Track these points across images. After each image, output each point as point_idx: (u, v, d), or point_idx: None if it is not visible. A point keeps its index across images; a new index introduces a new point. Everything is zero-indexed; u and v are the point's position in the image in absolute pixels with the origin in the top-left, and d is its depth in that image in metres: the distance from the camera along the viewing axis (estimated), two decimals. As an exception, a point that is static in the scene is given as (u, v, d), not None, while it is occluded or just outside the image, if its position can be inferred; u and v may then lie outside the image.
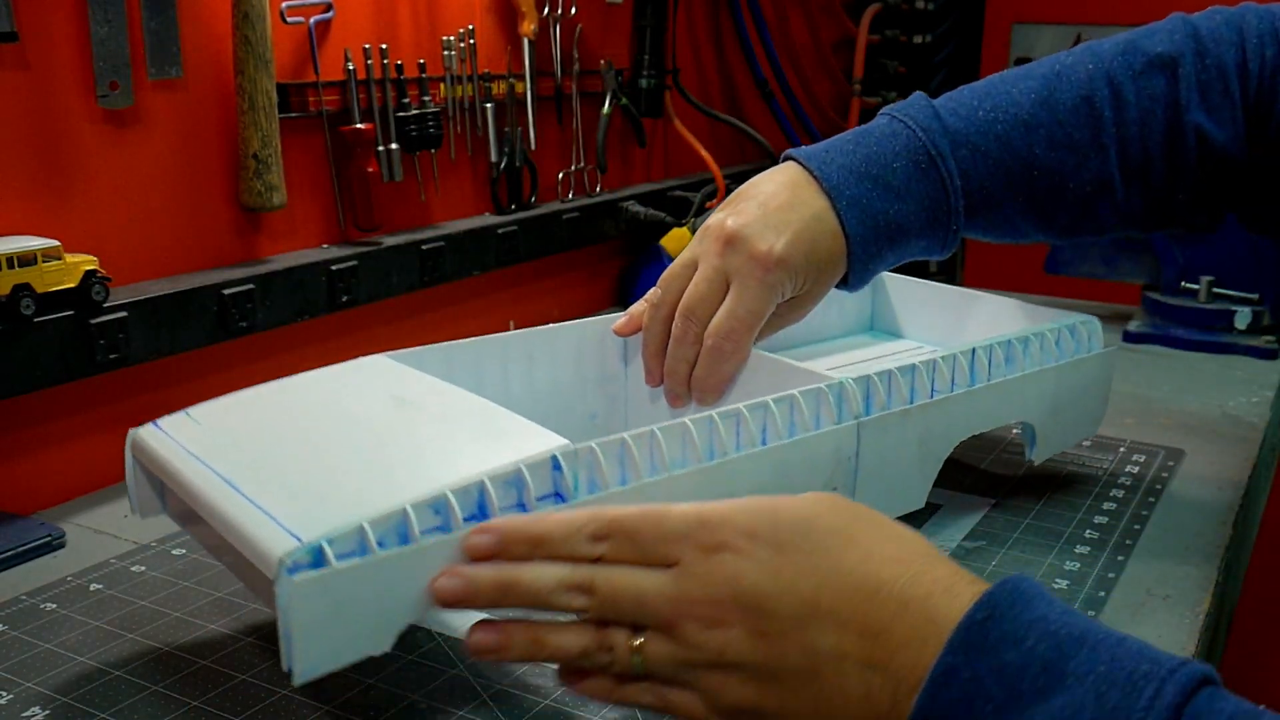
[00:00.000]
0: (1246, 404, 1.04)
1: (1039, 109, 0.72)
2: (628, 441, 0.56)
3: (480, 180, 1.16)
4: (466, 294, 1.16)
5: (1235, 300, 1.21)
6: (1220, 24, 0.72)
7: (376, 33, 1.02)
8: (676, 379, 0.71)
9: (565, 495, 0.54)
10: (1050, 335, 0.78)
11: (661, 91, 1.37)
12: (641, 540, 0.48)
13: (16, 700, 0.57)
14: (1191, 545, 0.75)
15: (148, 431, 0.61)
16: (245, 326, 0.89)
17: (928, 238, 0.72)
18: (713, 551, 0.47)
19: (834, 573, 0.46)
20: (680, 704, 0.47)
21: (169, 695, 0.57)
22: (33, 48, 0.77)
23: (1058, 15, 1.91)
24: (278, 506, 0.50)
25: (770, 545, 0.46)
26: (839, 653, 0.45)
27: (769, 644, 0.45)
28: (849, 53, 1.82)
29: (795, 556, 0.46)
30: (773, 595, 0.45)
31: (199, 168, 0.89)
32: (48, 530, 0.75)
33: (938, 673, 0.42)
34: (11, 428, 0.79)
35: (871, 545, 0.46)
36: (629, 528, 0.48)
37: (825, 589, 0.45)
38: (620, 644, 0.48)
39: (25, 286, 0.73)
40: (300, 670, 0.47)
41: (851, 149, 0.71)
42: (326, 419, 0.61)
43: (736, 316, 0.68)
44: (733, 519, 0.47)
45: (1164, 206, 0.73)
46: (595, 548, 0.48)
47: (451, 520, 0.50)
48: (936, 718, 0.42)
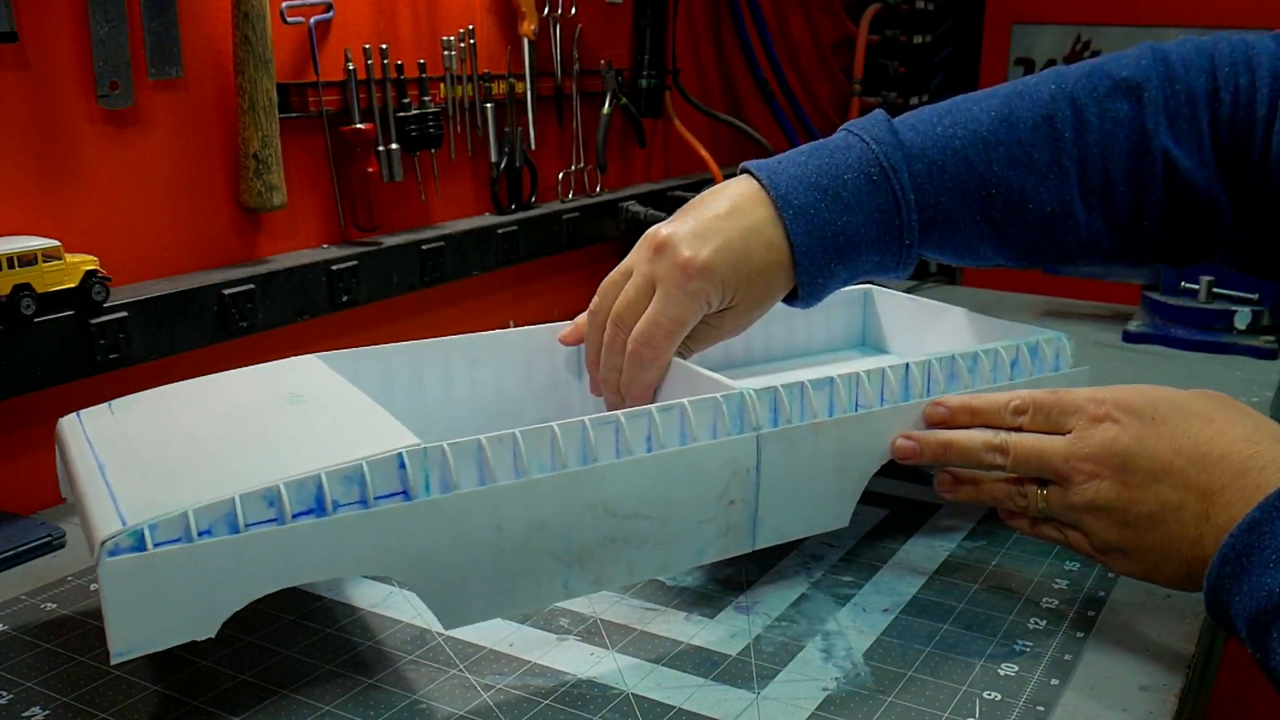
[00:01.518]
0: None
1: (999, 126, 0.71)
2: (483, 443, 0.56)
3: (480, 180, 1.16)
4: (466, 294, 1.16)
5: (1235, 300, 1.21)
6: (1191, 51, 0.72)
7: (376, 33, 1.02)
8: (609, 386, 0.71)
9: (410, 493, 0.54)
10: (1005, 353, 0.74)
11: (661, 91, 1.37)
12: (1049, 411, 0.63)
13: (16, 700, 0.57)
14: (1191, 545, 0.75)
15: (68, 420, 0.64)
16: (245, 326, 0.89)
17: (879, 253, 0.71)
18: (1098, 421, 0.60)
19: (1189, 442, 0.57)
20: (1074, 541, 0.63)
21: (169, 695, 0.57)
22: (33, 48, 0.77)
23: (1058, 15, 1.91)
24: (124, 489, 0.53)
25: (1143, 418, 0.59)
26: (1180, 504, 0.57)
27: (1129, 493, 0.58)
28: (849, 53, 1.82)
29: (1161, 427, 0.58)
30: (1137, 455, 0.58)
31: (199, 168, 0.89)
32: (48, 530, 0.75)
33: (1245, 522, 0.52)
34: (11, 428, 0.79)
35: (1227, 425, 0.57)
36: (1040, 402, 0.64)
37: (1180, 454, 0.57)
38: (1032, 492, 0.64)
39: (25, 286, 0.73)
40: (117, 649, 0.49)
41: (804, 160, 0.71)
42: (220, 412, 0.63)
43: (656, 323, 0.67)
44: (1117, 396, 0.61)
45: (1129, 235, 0.73)
46: (1017, 419, 0.64)
47: (283, 512, 0.51)
48: (1233, 557, 0.52)
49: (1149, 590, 0.68)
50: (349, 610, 0.66)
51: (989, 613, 0.66)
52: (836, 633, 0.64)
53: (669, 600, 0.67)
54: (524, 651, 0.62)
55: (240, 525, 0.51)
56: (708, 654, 0.62)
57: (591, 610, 0.66)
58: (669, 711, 0.56)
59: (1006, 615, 0.65)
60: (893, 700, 0.57)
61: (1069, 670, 0.60)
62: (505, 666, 0.60)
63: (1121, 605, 0.67)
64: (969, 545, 0.74)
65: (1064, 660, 0.61)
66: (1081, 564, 0.71)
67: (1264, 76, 0.69)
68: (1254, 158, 0.69)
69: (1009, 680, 0.59)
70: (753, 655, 0.61)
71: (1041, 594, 0.68)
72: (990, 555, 0.73)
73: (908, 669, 0.60)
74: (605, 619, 0.65)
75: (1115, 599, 0.67)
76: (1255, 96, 0.69)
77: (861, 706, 0.57)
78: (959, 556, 0.72)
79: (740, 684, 0.59)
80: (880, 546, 0.74)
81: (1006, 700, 0.57)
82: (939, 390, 0.72)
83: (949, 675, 0.59)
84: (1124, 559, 0.60)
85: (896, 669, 0.60)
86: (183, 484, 0.53)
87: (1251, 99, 0.69)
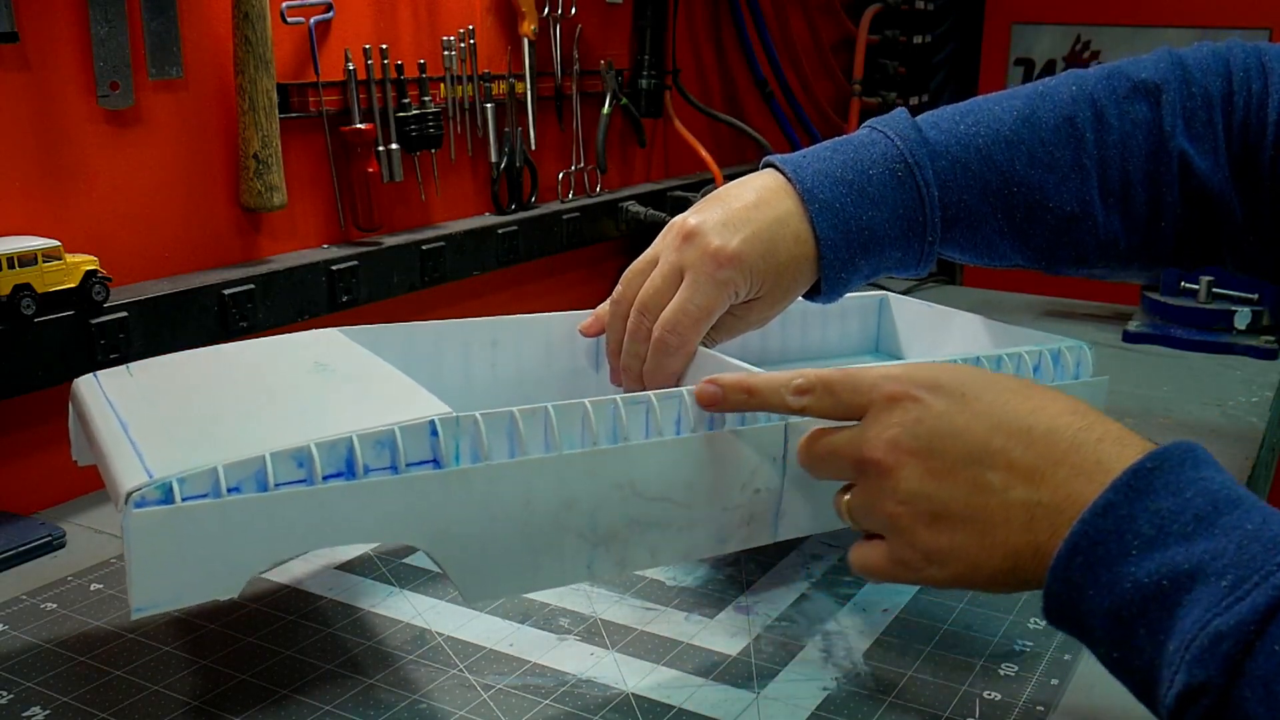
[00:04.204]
0: (1246, 404, 1.04)
1: (1021, 126, 0.71)
2: (515, 415, 0.55)
3: (480, 180, 1.16)
4: (466, 294, 1.16)
5: (1235, 300, 1.22)
6: (1207, 55, 0.72)
7: (377, 33, 1.02)
8: (631, 374, 0.70)
9: (441, 462, 0.54)
10: (1028, 358, 0.73)
11: (661, 91, 1.37)
12: (838, 391, 0.54)
13: (16, 700, 0.57)
14: (1191, 545, 0.75)
15: (85, 380, 0.63)
16: (245, 326, 0.89)
17: (902, 249, 0.72)
18: (897, 400, 0.52)
19: (1008, 417, 0.50)
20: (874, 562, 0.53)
21: (169, 695, 0.57)
22: (33, 48, 0.77)
23: (1058, 15, 1.91)
24: (149, 447, 0.52)
25: (951, 395, 0.52)
26: (1004, 487, 0.49)
27: (938, 480, 0.50)
28: (849, 53, 1.82)
29: (974, 404, 0.51)
30: (946, 436, 0.51)
31: (199, 168, 0.89)
32: (48, 530, 0.75)
33: (1098, 505, 0.46)
34: (11, 428, 0.79)
35: (1046, 399, 0.51)
36: (828, 381, 0.55)
37: (999, 431, 0.50)
38: (836, 501, 0.55)
39: (26, 286, 0.73)
40: (138, 604, 0.48)
41: (829, 155, 0.71)
42: (244, 378, 0.63)
43: (684, 310, 0.67)
44: (917, 373, 0.53)
45: (1146, 236, 0.73)
46: (799, 400, 0.55)
47: (313, 473, 0.51)
48: (1086, 546, 0.45)
49: (1149, 590, 0.68)
50: (349, 610, 0.66)
51: (989, 613, 0.66)
52: (836, 633, 0.64)
53: (669, 600, 0.67)
54: (524, 651, 0.62)
55: (270, 483, 0.50)
56: (708, 654, 0.62)
57: (591, 610, 0.66)
58: (669, 711, 0.56)
59: (1007, 615, 0.65)
60: (893, 700, 0.57)
61: (1069, 670, 0.60)
62: (505, 666, 0.60)
63: (1121, 605, 0.67)
64: (969, 545, 0.74)
65: (1064, 660, 0.61)
66: (1081, 564, 0.71)
67: (1276, 81, 0.69)
68: (1264, 161, 0.70)
69: (1009, 680, 0.59)
70: (753, 655, 0.61)
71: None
72: (990, 555, 0.72)
73: (908, 669, 0.60)
74: (605, 619, 0.65)
75: (1115, 599, 0.67)
76: (1267, 101, 0.69)
77: (861, 706, 0.57)
78: (959, 556, 0.72)
79: (740, 684, 0.59)
80: (880, 546, 0.73)
81: (1006, 700, 0.57)
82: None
83: (949, 675, 0.59)
84: (935, 565, 0.51)
85: (896, 669, 0.60)
86: (210, 442, 0.52)
87: (1263, 103, 0.69)
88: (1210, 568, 0.42)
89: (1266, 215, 0.71)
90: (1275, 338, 1.19)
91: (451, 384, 0.74)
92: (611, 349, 0.72)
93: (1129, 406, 1.02)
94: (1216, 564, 0.42)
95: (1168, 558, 0.43)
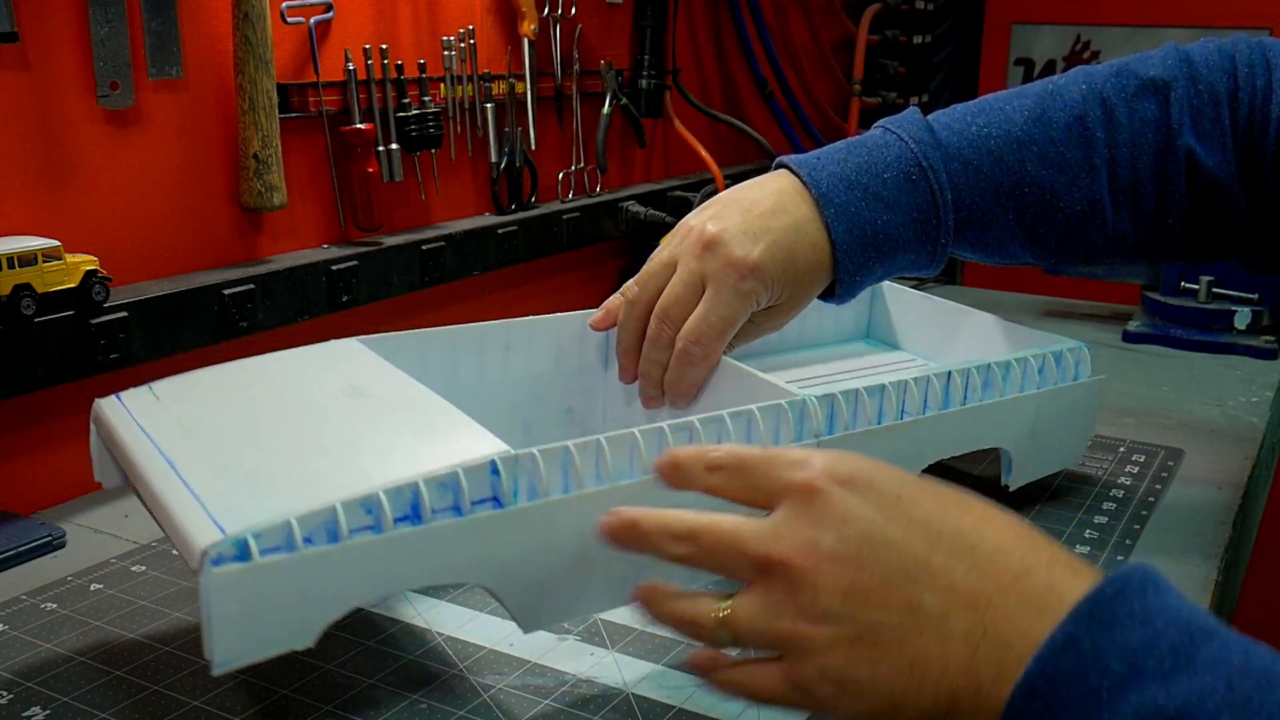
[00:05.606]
0: (1246, 404, 1.04)
1: (1032, 126, 0.72)
2: (571, 450, 0.55)
3: (480, 180, 1.16)
4: (466, 294, 1.16)
5: (1235, 300, 1.22)
6: (1213, 52, 0.72)
7: (376, 33, 1.02)
8: (650, 381, 0.71)
9: (502, 500, 0.53)
10: (1034, 361, 0.75)
11: (661, 91, 1.37)
12: (750, 472, 0.46)
13: (16, 700, 0.57)
14: (1191, 545, 0.75)
15: (108, 402, 0.62)
16: (245, 326, 0.89)
17: (915, 251, 0.72)
18: (819, 494, 0.44)
19: (953, 531, 0.43)
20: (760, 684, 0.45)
21: (169, 695, 0.57)
22: (33, 48, 0.77)
23: (1058, 15, 1.91)
24: (209, 492, 0.51)
25: (885, 496, 0.44)
26: (943, 613, 0.42)
27: (864, 598, 0.42)
28: (849, 53, 1.82)
29: (911, 510, 0.44)
30: (879, 545, 0.43)
31: (199, 168, 0.89)
32: (48, 530, 0.75)
33: (1057, 640, 0.40)
34: (11, 428, 0.79)
35: (990, 515, 0.45)
36: (743, 459, 0.47)
37: (940, 546, 0.43)
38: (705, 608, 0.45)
39: (26, 286, 0.73)
40: (219, 660, 0.48)
41: (843, 158, 0.71)
42: (278, 403, 0.61)
43: (708, 322, 0.67)
44: (846, 462, 0.45)
45: (1154, 233, 0.73)
46: (709, 477, 0.48)
47: (382, 520, 0.50)
48: (1045, 688, 0.39)
49: (1149, 590, 0.68)
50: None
51: (989, 613, 0.65)
52: (836, 633, 0.64)
53: (669, 600, 0.67)
54: (524, 651, 0.62)
55: (342, 534, 0.49)
56: (708, 654, 0.61)
57: (591, 610, 0.66)
58: (669, 711, 0.56)
59: (1006, 615, 0.65)
60: (893, 700, 0.57)
61: (1069, 670, 0.60)
62: (505, 666, 0.60)
63: (1121, 605, 0.67)
64: (969, 545, 0.74)
65: (1064, 660, 0.61)
66: (1081, 564, 0.71)
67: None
68: (1268, 157, 0.70)
69: (1009, 680, 0.59)
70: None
71: (1041, 594, 0.68)
72: (990, 555, 0.72)
73: (908, 669, 0.60)
74: (605, 619, 0.65)
75: (1115, 599, 0.67)
76: (1271, 97, 0.69)
77: (861, 706, 0.57)
78: (959, 556, 0.72)
79: (740, 684, 0.59)
80: (880, 546, 0.73)
81: (1006, 700, 0.57)
82: (975, 397, 0.72)
83: (949, 675, 0.59)
84: (848, 697, 0.43)
85: (896, 669, 0.60)
86: (271, 486, 0.51)
87: (1268, 99, 0.70)
88: (1200, 710, 0.37)
89: (1270, 210, 0.71)
90: (1275, 338, 1.19)
91: (467, 388, 0.74)
92: (625, 348, 0.72)
93: (1129, 406, 1.02)
94: (1207, 705, 0.37)
95: (1147, 699, 0.38)
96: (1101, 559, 0.72)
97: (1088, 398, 0.80)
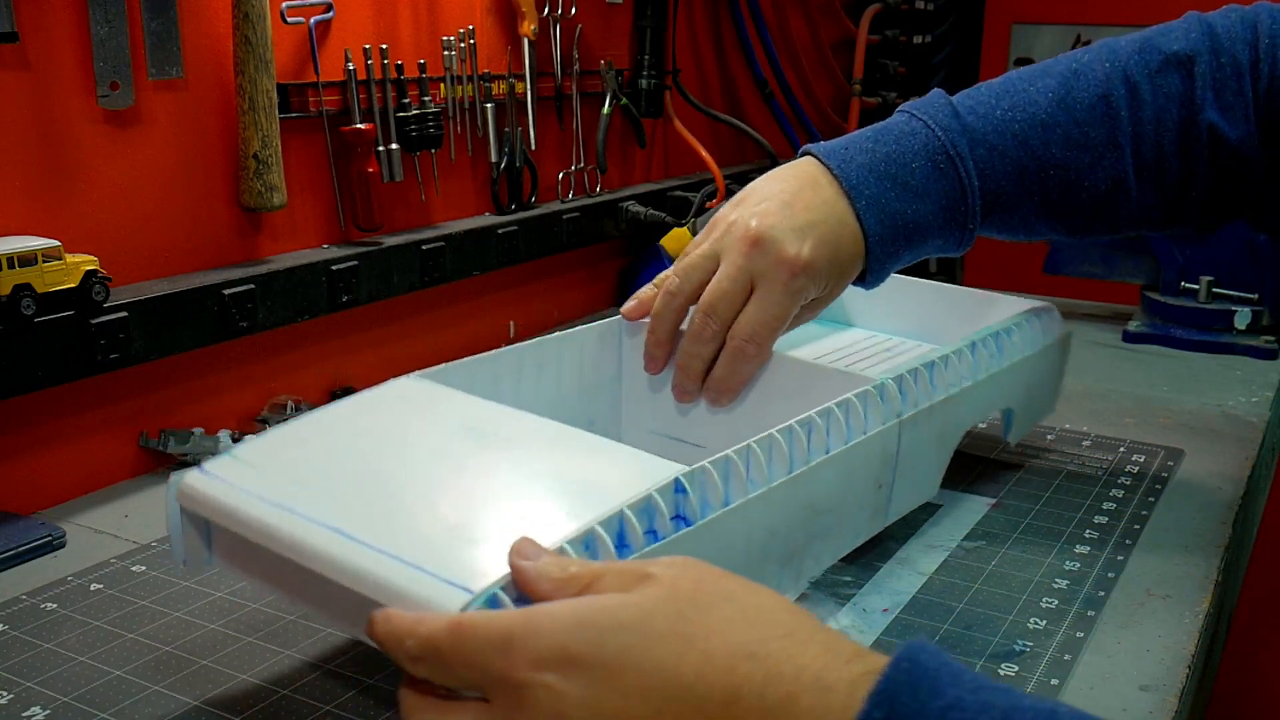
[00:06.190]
0: (1246, 404, 1.04)
1: (1056, 108, 0.72)
2: (733, 459, 0.55)
3: (480, 180, 1.16)
4: (466, 294, 1.16)
5: (1235, 300, 1.21)
6: (1235, 22, 0.72)
7: (376, 33, 1.02)
8: (690, 374, 0.70)
9: (690, 518, 0.52)
10: (1027, 325, 0.82)
11: (661, 91, 1.37)
12: (450, 662, 0.40)
13: (16, 700, 0.57)
14: (1191, 545, 0.75)
15: (194, 477, 0.55)
16: (245, 326, 0.89)
17: (944, 236, 0.73)
18: (522, 689, 0.39)
19: (674, 687, 0.38)
20: None
21: (169, 695, 0.57)
22: (33, 48, 0.77)
23: (1058, 15, 1.91)
24: (413, 552, 0.47)
25: (590, 670, 0.38)
26: None
27: None
28: (849, 53, 1.82)
29: (621, 678, 0.38)
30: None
31: (199, 168, 0.89)
32: (48, 530, 0.75)
33: None
34: (11, 428, 0.79)
35: (714, 639, 0.39)
36: (436, 647, 0.40)
37: (667, 712, 0.38)
38: None
39: (26, 286, 0.73)
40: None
41: (871, 147, 0.71)
42: (399, 452, 0.57)
43: (762, 321, 0.68)
44: (540, 636, 0.39)
45: (1177, 205, 0.73)
46: (414, 668, 0.41)
47: (603, 554, 0.49)
48: None
49: (1148, 590, 0.69)
50: (349, 610, 0.66)
51: (989, 613, 0.66)
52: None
53: (669, 600, 0.67)
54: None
55: None
56: (708, 654, 0.61)
57: (592, 610, 0.66)
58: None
59: (1006, 615, 0.65)
60: (893, 700, 0.57)
61: (1069, 670, 0.60)
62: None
63: (1121, 605, 0.67)
64: (969, 545, 0.74)
65: (1064, 660, 0.61)
66: (1081, 564, 0.71)
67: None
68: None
69: (1009, 680, 0.59)
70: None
71: (1041, 594, 0.68)
72: (990, 555, 0.73)
73: (908, 669, 0.60)
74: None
75: (1115, 599, 0.67)
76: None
77: (861, 706, 0.57)
78: (959, 556, 0.72)
79: (740, 684, 0.59)
80: (880, 546, 0.74)
81: (1006, 700, 0.57)
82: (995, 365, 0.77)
83: (949, 675, 0.59)
84: None
85: (896, 669, 0.60)
86: (473, 538, 0.48)
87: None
88: None
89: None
90: (1275, 338, 1.19)
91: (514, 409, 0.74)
92: (660, 339, 0.72)
93: (1129, 406, 1.02)
94: None
95: None
96: (1101, 559, 0.72)
97: (1064, 351, 0.88)
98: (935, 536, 0.75)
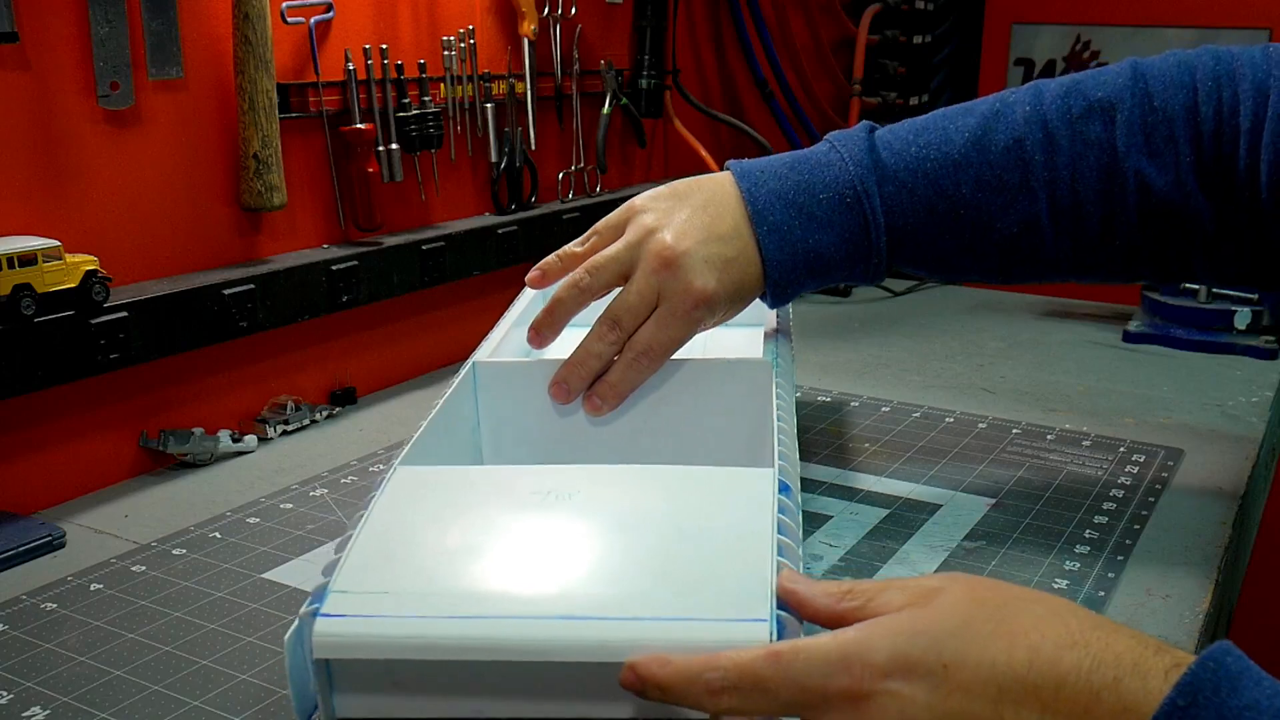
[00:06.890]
0: (1246, 404, 1.04)
1: (971, 149, 0.72)
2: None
3: (480, 180, 1.16)
4: (466, 294, 1.16)
5: (1235, 300, 1.21)
6: (1172, 67, 0.71)
7: (376, 33, 1.02)
8: (584, 371, 0.71)
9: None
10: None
11: (661, 91, 1.37)
12: (773, 689, 0.41)
13: (16, 700, 0.57)
14: (1191, 545, 0.75)
15: (328, 626, 0.47)
16: (245, 326, 0.89)
17: (849, 269, 0.74)
18: (864, 699, 0.41)
19: (1009, 679, 0.41)
20: None
21: (169, 695, 0.57)
22: (33, 48, 0.77)
23: (1058, 15, 1.91)
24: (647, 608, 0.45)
25: (930, 672, 0.41)
26: None
27: None
28: (849, 53, 1.82)
29: (958, 675, 0.41)
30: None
31: (199, 168, 0.89)
32: (48, 530, 0.75)
33: None
34: (11, 428, 0.79)
35: (1034, 635, 0.42)
36: (755, 675, 0.41)
37: (1005, 701, 0.40)
38: None
39: (26, 286, 0.73)
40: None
41: (786, 173, 0.73)
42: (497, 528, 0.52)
43: (660, 341, 0.70)
44: (878, 649, 0.41)
45: (1099, 253, 0.73)
46: (718, 702, 0.42)
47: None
48: None
49: (1148, 590, 0.68)
50: (349, 610, 0.66)
51: (989, 613, 0.66)
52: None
53: (669, 600, 0.67)
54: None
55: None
56: (708, 654, 0.61)
57: (592, 610, 0.66)
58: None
59: (1006, 615, 0.65)
60: (893, 700, 0.57)
61: (1069, 670, 0.60)
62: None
63: (1121, 605, 0.67)
64: (969, 545, 0.74)
65: (1064, 660, 0.61)
66: (1081, 564, 0.71)
67: (1247, 90, 0.68)
68: (1239, 170, 0.69)
69: (1009, 680, 0.59)
70: None
71: (1041, 594, 0.68)
72: (990, 555, 0.73)
73: (908, 669, 0.60)
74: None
75: (1115, 599, 0.67)
76: (1238, 109, 0.69)
77: (861, 706, 0.57)
78: (959, 556, 0.72)
79: (740, 684, 0.59)
80: (880, 546, 0.74)
81: (1006, 700, 0.57)
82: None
83: (949, 675, 0.59)
84: None
85: (896, 669, 0.60)
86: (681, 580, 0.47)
87: (1234, 112, 0.69)
88: None
89: (1244, 221, 0.70)
90: (1275, 338, 1.19)
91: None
92: (554, 322, 0.73)
93: (1129, 406, 1.02)
94: None
95: None
96: (1101, 559, 0.72)
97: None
98: (935, 536, 0.75)
